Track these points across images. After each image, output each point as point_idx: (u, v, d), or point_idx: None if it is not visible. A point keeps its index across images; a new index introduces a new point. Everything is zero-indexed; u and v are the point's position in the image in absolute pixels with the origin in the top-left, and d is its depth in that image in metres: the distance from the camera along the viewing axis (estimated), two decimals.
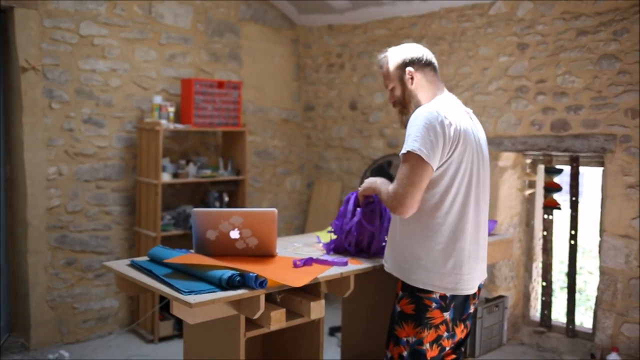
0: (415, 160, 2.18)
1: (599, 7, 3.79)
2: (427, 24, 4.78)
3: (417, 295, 2.29)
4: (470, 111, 2.50)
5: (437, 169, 2.23)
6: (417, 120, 2.24)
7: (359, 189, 2.64)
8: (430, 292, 2.27)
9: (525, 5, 4.14)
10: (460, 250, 2.28)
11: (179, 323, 4.51)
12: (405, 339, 2.30)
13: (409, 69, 2.40)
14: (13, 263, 4.32)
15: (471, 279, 2.32)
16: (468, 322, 2.45)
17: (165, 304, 4.14)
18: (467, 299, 2.37)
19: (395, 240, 2.40)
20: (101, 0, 4.43)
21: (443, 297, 2.28)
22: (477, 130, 2.42)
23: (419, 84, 2.40)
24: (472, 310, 2.43)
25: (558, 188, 4.24)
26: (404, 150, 2.22)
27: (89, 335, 4.50)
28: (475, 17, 4.45)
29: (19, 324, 4.31)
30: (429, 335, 2.28)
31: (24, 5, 4.05)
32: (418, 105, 2.37)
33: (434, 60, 2.47)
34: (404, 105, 2.43)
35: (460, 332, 2.40)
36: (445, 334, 2.32)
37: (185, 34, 4.94)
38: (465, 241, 2.29)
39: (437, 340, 2.30)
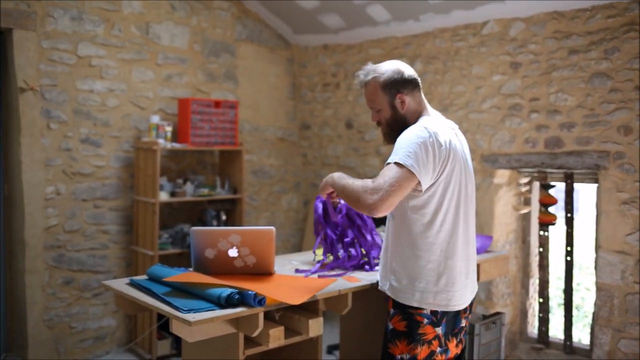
0: (406, 173, 2.14)
1: (589, 27, 3.86)
2: (421, 44, 4.84)
3: (409, 312, 2.30)
4: (455, 126, 2.49)
5: (427, 189, 2.24)
6: (409, 137, 2.22)
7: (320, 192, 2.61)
8: (422, 308, 2.29)
9: (517, 25, 4.21)
10: (452, 268, 2.30)
11: (177, 342, 4.50)
12: (399, 357, 2.31)
13: (400, 94, 2.37)
14: (10, 282, 4.31)
15: (462, 295, 2.35)
16: (462, 337, 2.47)
17: (163, 322, 4.13)
18: (458, 313, 2.39)
19: (386, 259, 2.42)
20: (99, 22, 4.48)
21: (434, 312, 2.30)
22: (462, 145, 2.43)
23: (408, 107, 2.39)
24: (463, 324, 2.45)
25: (553, 202, 4.26)
26: (394, 160, 2.17)
27: (87, 355, 4.48)
28: (469, 36, 4.51)
29: (16, 343, 4.29)
30: (422, 351, 2.29)
31: (23, 27, 4.09)
32: (406, 126, 2.34)
33: (419, 79, 2.44)
34: (392, 127, 2.40)
35: (453, 347, 2.42)
36: (439, 349, 2.33)
37: (182, 55, 4.99)
38: (457, 258, 2.31)
39: (431, 356, 2.31)
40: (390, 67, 2.41)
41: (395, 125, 2.39)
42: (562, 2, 3.91)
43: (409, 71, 2.41)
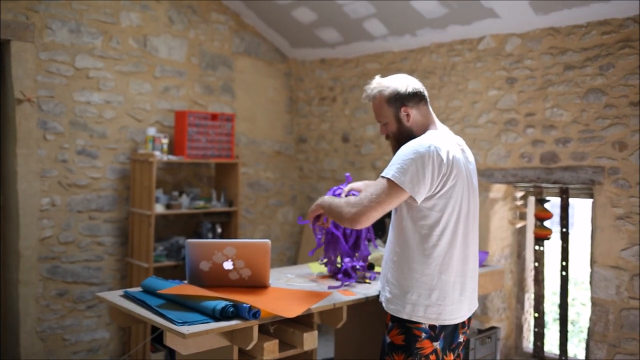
0: (392, 188, 2.21)
1: (585, 43, 3.89)
2: (417, 59, 4.87)
3: (407, 326, 2.30)
4: (462, 142, 2.51)
5: (425, 201, 2.25)
6: (407, 150, 2.26)
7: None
8: (419, 322, 2.29)
9: (513, 40, 4.24)
10: (445, 282, 2.29)
11: (170, 354, 4.47)
12: None
13: (405, 107, 2.39)
14: (4, 294, 4.29)
15: (455, 310, 2.33)
16: (460, 352, 2.46)
17: (157, 335, 4.11)
18: (456, 328, 2.39)
19: (383, 270, 2.43)
20: (97, 34, 4.49)
21: (432, 326, 2.30)
22: (467, 161, 2.44)
23: (414, 120, 2.41)
24: (461, 339, 2.44)
25: (549, 217, 4.27)
26: (385, 175, 2.25)
27: None
28: (465, 51, 4.54)
29: (8, 355, 4.26)
30: None
31: (21, 38, 4.10)
32: (412, 139, 2.36)
33: (426, 93, 2.47)
34: (399, 140, 2.42)
35: None
36: None
37: (179, 67, 5.01)
38: (450, 273, 2.30)
39: None
40: (395, 80, 2.45)
41: (402, 138, 2.40)
42: (557, 18, 3.95)
43: (414, 84, 2.44)
